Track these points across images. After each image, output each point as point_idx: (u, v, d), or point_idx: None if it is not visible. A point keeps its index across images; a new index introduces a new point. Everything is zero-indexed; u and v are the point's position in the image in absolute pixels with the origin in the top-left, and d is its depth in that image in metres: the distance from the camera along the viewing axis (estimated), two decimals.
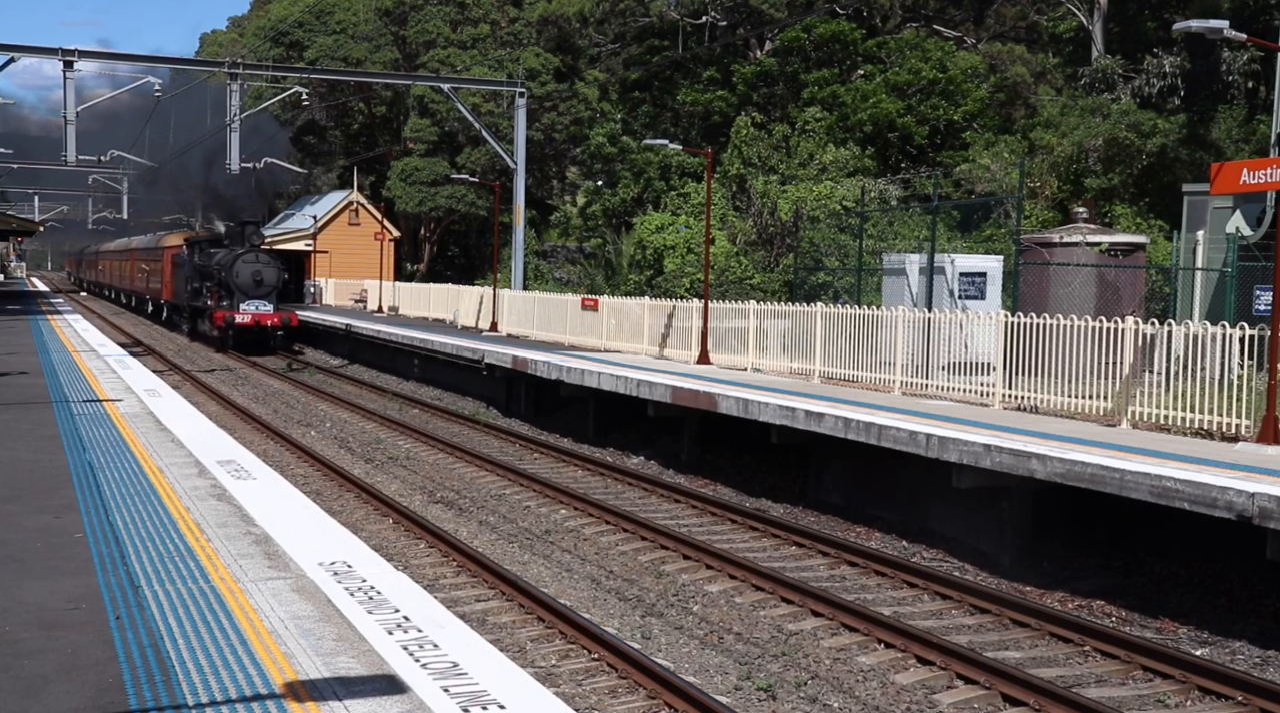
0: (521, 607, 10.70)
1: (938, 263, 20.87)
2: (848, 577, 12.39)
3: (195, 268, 41.76)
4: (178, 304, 46.40)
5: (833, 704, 8.73)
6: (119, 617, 6.59)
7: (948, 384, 17.73)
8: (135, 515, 9.11)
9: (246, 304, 37.84)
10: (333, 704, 5.38)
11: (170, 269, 47.08)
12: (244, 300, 37.86)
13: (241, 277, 38.14)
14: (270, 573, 7.56)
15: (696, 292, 30.03)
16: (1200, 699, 8.99)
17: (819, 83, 41.08)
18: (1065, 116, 35.28)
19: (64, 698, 5.39)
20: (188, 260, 42.71)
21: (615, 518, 14.47)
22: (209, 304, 39.77)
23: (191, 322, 43.97)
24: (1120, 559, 12.72)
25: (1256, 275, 20.50)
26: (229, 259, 38.63)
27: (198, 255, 41.69)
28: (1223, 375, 14.43)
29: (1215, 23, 14.39)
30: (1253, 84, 35.40)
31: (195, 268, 41.76)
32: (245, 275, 38.16)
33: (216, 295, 38.92)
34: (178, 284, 45.67)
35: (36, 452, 11.93)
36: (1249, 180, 13.94)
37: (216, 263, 39.47)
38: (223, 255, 39.56)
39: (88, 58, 33.56)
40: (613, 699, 8.57)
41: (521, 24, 54.08)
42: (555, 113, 51.32)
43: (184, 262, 43.35)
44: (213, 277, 39.69)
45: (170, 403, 16.65)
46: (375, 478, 17.37)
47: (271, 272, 38.93)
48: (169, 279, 47.68)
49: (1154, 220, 32.00)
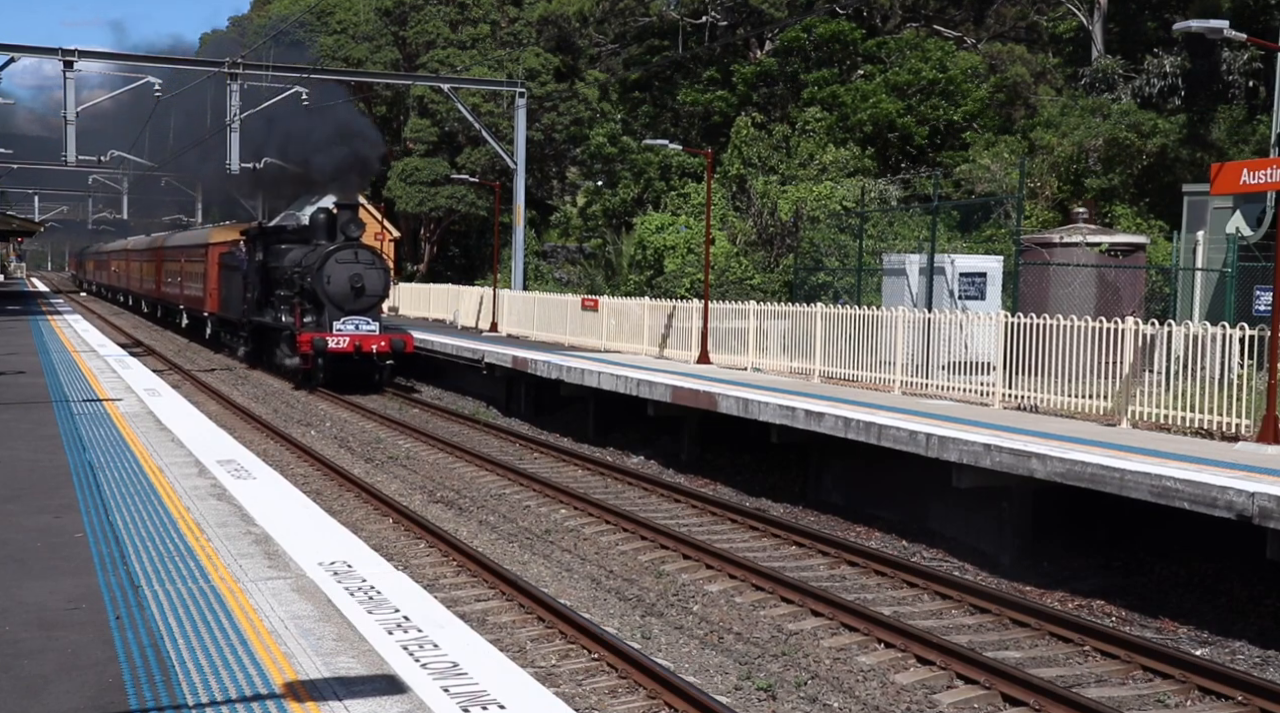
0: (521, 607, 10.70)
1: (938, 263, 20.87)
2: (848, 577, 12.39)
3: (260, 270, 31.16)
4: (229, 318, 35.67)
5: (833, 704, 8.73)
6: (119, 617, 6.59)
7: (948, 384, 17.73)
8: (135, 515, 9.11)
9: (343, 321, 27.11)
10: (333, 704, 5.38)
11: (218, 272, 36.75)
12: (338, 315, 27.18)
13: (336, 282, 27.38)
14: (270, 573, 7.56)
15: (696, 292, 30.03)
16: (1200, 699, 8.99)
17: (819, 83, 41.07)
18: (1065, 116, 35.28)
19: (64, 698, 5.39)
20: (245, 260, 32.52)
21: (615, 518, 14.47)
22: (283, 321, 29.04)
23: (253, 343, 33.09)
24: (1120, 559, 12.72)
25: (1256, 275, 20.50)
26: (317, 258, 27.83)
27: (263, 253, 31.31)
28: (1223, 375, 14.43)
29: (1215, 23, 14.39)
30: (1253, 84, 35.39)
31: (260, 270, 31.16)
32: (341, 280, 27.39)
33: (297, 309, 27.92)
34: (228, 292, 35.31)
35: (36, 452, 11.93)
36: (1249, 180, 13.94)
37: (297, 263, 28.68)
38: (303, 252, 28.98)
39: (88, 58, 33.54)
40: (613, 699, 8.57)
41: (521, 24, 54.09)
42: (555, 113, 51.32)
43: (240, 262, 33.07)
44: (289, 282, 28.99)
45: (170, 403, 16.65)
46: (375, 478, 17.36)
47: (376, 275, 28.01)
48: (215, 285, 37.22)
49: (1154, 220, 32.00)
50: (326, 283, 27.39)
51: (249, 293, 32.21)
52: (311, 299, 27.77)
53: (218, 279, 36.85)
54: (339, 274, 27.47)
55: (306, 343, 26.76)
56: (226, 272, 35.58)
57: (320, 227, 29.74)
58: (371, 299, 27.82)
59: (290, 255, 29.63)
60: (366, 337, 27.17)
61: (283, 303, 29.53)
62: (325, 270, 27.43)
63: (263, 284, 31.05)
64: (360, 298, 27.50)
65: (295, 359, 27.85)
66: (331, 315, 27.26)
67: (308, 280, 27.74)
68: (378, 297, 28.21)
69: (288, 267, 29.28)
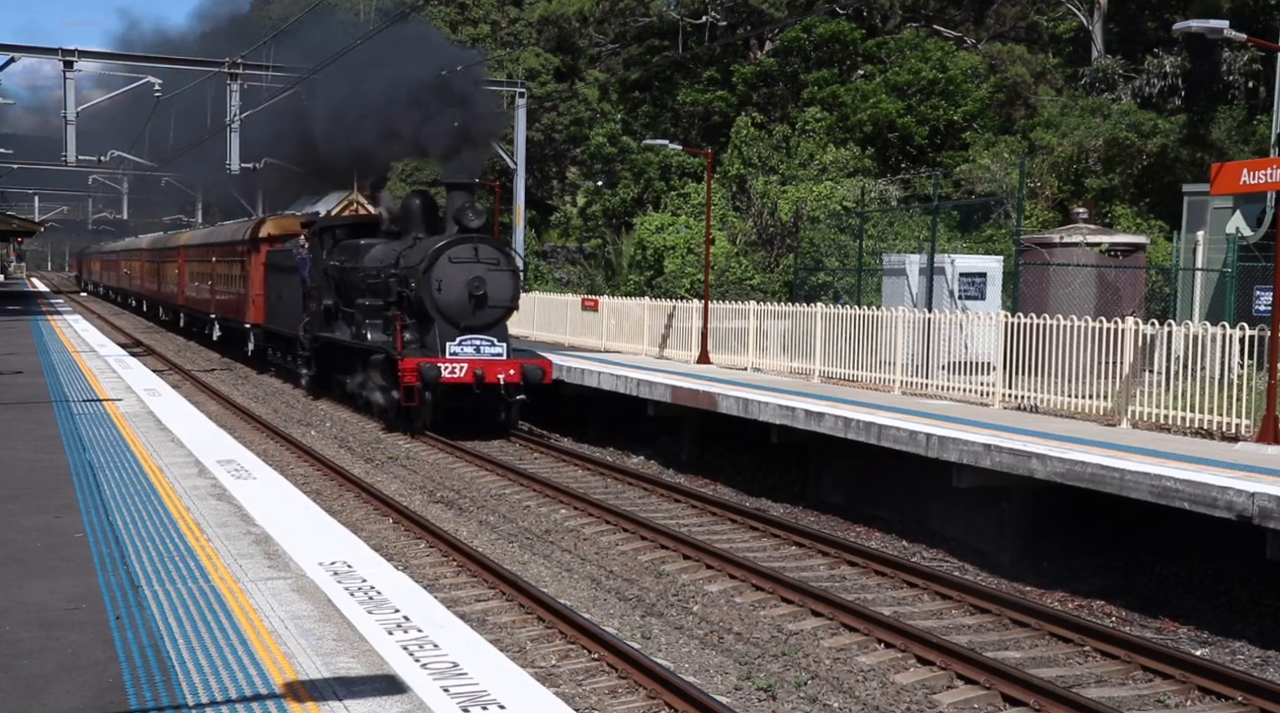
0: (521, 607, 10.70)
1: (938, 263, 20.88)
2: (848, 577, 12.39)
3: (331, 273, 24.77)
4: (280, 332, 29.03)
5: (833, 704, 8.73)
6: (119, 617, 6.59)
7: (948, 384, 17.73)
8: (135, 515, 9.11)
9: (459, 342, 20.66)
10: (333, 704, 5.38)
11: (263, 274, 30.59)
12: (452, 334, 20.71)
13: (449, 289, 20.71)
14: (270, 573, 7.56)
15: (696, 292, 30.03)
16: (1200, 699, 8.99)
17: (819, 83, 41.08)
18: (1065, 116, 35.29)
19: (64, 698, 5.39)
20: (307, 260, 26.07)
21: (615, 518, 14.47)
22: (370, 339, 22.46)
23: (318, 366, 25.95)
24: (1120, 559, 12.73)
25: (1256, 275, 20.51)
26: (421, 256, 21.09)
27: (334, 250, 25.12)
28: (1223, 375, 14.43)
29: (1215, 23, 14.40)
30: (1253, 84, 35.40)
31: (331, 273, 24.77)
32: (456, 286, 20.71)
33: (398, 325, 20.97)
34: (280, 299, 28.78)
35: (36, 452, 11.93)
36: (1249, 180, 13.94)
37: (391, 264, 22.00)
38: (396, 249, 22.46)
39: (88, 58, 33.54)
40: (613, 699, 8.57)
41: (521, 24, 54.10)
42: (555, 113, 51.31)
43: (299, 261, 26.55)
44: (375, 288, 22.54)
45: (170, 403, 16.65)
46: (375, 478, 17.36)
47: (504, 280, 21.26)
48: (260, 291, 30.86)
49: (1154, 220, 32.00)
50: (436, 290, 20.58)
51: (313, 302, 25.46)
52: (415, 312, 20.98)
53: (263, 283, 30.49)
54: (454, 278, 20.66)
55: (412, 372, 19.87)
56: (276, 274, 29.21)
57: (415, 215, 23.26)
58: (496, 311, 21.02)
59: (373, 253, 23.34)
60: (491, 363, 20.41)
61: (368, 316, 22.74)
62: (435, 273, 20.60)
63: (336, 291, 24.57)
64: (482, 310, 20.83)
65: (391, 393, 20.95)
66: (443, 334, 20.54)
67: (410, 286, 20.88)
68: (504, 307, 21.26)
69: (373, 268, 22.87)
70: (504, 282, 21.28)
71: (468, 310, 20.83)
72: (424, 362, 20.08)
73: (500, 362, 20.64)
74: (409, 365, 20.07)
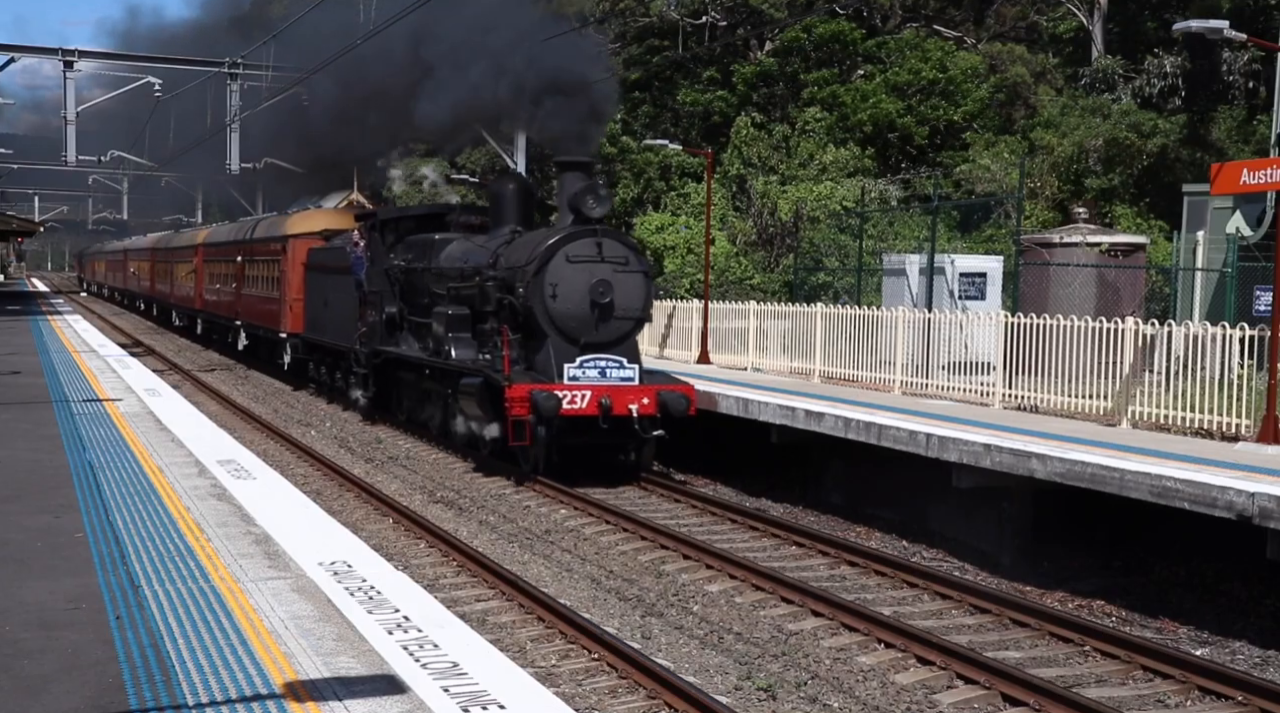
0: (521, 607, 10.70)
1: (938, 263, 20.88)
2: (848, 577, 12.39)
3: (395, 275, 21.18)
4: (326, 343, 24.87)
5: (833, 704, 8.73)
6: (119, 617, 6.59)
7: (948, 384, 17.73)
8: (135, 515, 9.11)
9: (579, 364, 16.67)
10: (333, 704, 5.38)
11: (302, 276, 26.78)
12: (570, 353, 16.75)
13: (567, 294, 16.85)
14: (270, 573, 7.56)
15: (697, 292, 30.03)
16: (1200, 699, 8.99)
17: (819, 83, 41.08)
18: (1065, 116, 35.29)
19: (64, 698, 5.39)
20: (362, 259, 22.03)
21: (615, 518, 14.47)
22: (456, 356, 18.25)
23: (378, 385, 22.07)
24: (1120, 559, 12.73)
25: (1256, 275, 20.51)
26: (529, 253, 17.17)
27: (397, 246, 21.65)
28: (1223, 375, 14.44)
29: (1215, 23, 14.41)
30: (1253, 84, 35.40)
31: (395, 275, 21.18)
32: (576, 291, 16.85)
33: (504, 339, 16.77)
34: (323, 305, 24.86)
35: (36, 452, 11.94)
36: (1249, 180, 13.95)
37: (489, 265, 17.99)
38: (492, 244, 18.50)
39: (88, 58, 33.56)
40: (613, 699, 8.57)
41: None
42: None
43: (355, 261, 22.24)
44: (467, 294, 18.51)
45: (170, 403, 16.66)
46: (375, 478, 17.36)
47: (634, 283, 17.22)
48: (298, 295, 26.85)
49: (1154, 220, 32.00)
50: (550, 296, 16.57)
51: (372, 310, 21.56)
52: (521, 324, 16.98)
53: (301, 287, 26.72)
54: (573, 282, 16.62)
55: (523, 402, 15.77)
56: (320, 276, 25.41)
57: (509, 202, 19.32)
58: (624, 324, 16.95)
59: (451, 251, 19.55)
60: (620, 389, 16.34)
61: (451, 328, 18.41)
62: (548, 276, 16.55)
63: (401, 296, 21.07)
64: (607, 322, 16.76)
65: (489, 426, 16.98)
66: (558, 353, 16.50)
67: (516, 292, 16.80)
68: (634, 319, 17.15)
69: (453, 269, 19.04)
70: (634, 286, 17.03)
71: (589, 323, 16.70)
72: (538, 389, 15.92)
73: (631, 388, 16.49)
74: (519, 394, 15.85)
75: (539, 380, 16.37)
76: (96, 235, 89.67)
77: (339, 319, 23.60)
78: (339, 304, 23.59)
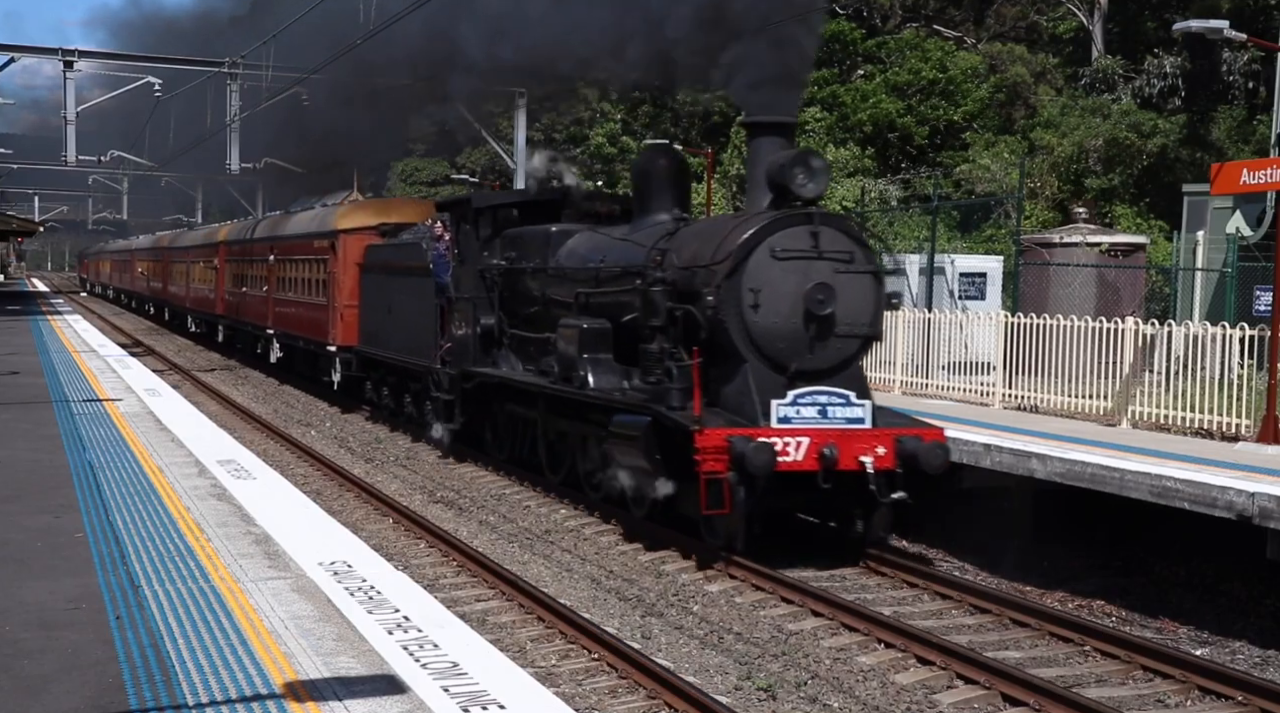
0: (521, 607, 10.70)
1: (938, 263, 20.89)
2: (848, 577, 12.37)
3: (493, 277, 17.18)
4: (389, 360, 21.00)
5: (833, 704, 8.73)
6: (119, 617, 6.59)
7: (948, 384, 17.74)
8: (135, 515, 9.12)
9: (792, 400, 11.89)
10: (333, 704, 5.39)
11: (356, 278, 23.03)
12: (777, 384, 11.98)
13: (775, 302, 12.15)
14: (270, 573, 7.57)
15: None
16: (1200, 699, 8.99)
17: (819, 83, 41.10)
18: (1065, 116, 35.31)
19: (64, 698, 5.39)
20: (443, 257, 18.27)
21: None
22: (595, 384, 13.79)
23: (467, 414, 17.82)
24: (1120, 559, 12.73)
25: (1256, 275, 20.52)
26: (712, 246, 12.59)
27: (494, 241, 17.37)
28: (1223, 375, 14.45)
29: (1215, 23, 14.44)
30: (1253, 84, 35.42)
31: (493, 277, 17.18)
32: (785, 298, 12.18)
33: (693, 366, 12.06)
34: (389, 313, 20.82)
35: (36, 451, 11.94)
36: (1249, 180, 13.97)
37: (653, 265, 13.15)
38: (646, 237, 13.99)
39: (88, 57, 33.55)
40: (613, 699, 8.57)
41: None
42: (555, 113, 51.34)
43: (436, 259, 18.43)
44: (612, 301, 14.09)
45: (170, 403, 16.67)
46: (375, 478, 17.37)
47: (861, 287, 12.56)
48: (349, 301, 23.03)
49: (1154, 220, 32.02)
50: (750, 306, 12.12)
51: (462, 322, 17.44)
52: (704, 343, 12.36)
53: (355, 291, 22.92)
54: (781, 286, 12.20)
55: (720, 453, 11.35)
56: (381, 278, 21.59)
57: (662, 181, 14.76)
58: (849, 344, 12.53)
59: (576, 246, 15.42)
60: (847, 434, 11.86)
61: (588, 347, 13.99)
62: (746, 278, 12.14)
63: (502, 304, 16.97)
64: (826, 342, 12.32)
65: (659, 483, 12.33)
66: (761, 384, 12.04)
67: (702, 299, 12.30)
68: (862, 336, 12.71)
69: (583, 269, 14.82)
70: (862, 292, 12.52)
71: (803, 343, 12.16)
72: (740, 435, 11.36)
73: (863, 433, 11.92)
74: (715, 442, 11.27)
75: (737, 423, 11.70)
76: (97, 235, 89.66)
77: (410, 331, 19.54)
78: (410, 312, 19.55)
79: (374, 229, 23.27)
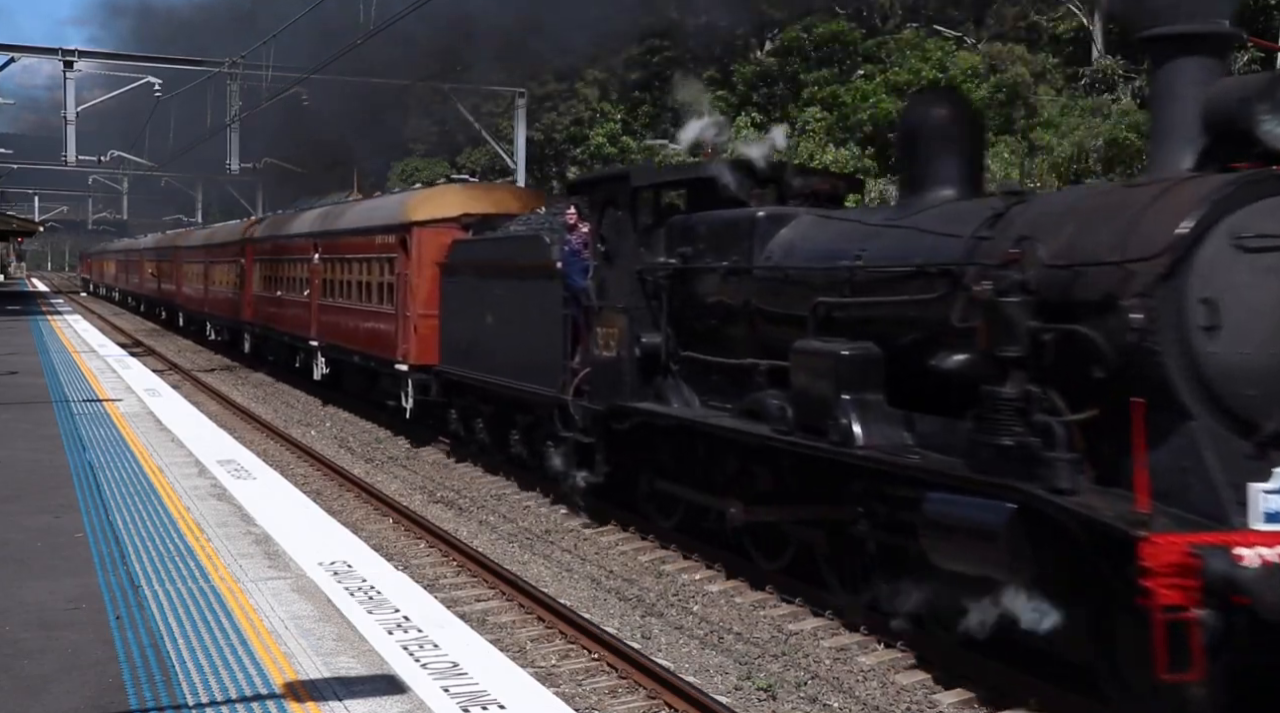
0: (521, 607, 10.71)
1: None
2: None
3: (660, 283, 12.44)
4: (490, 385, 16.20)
5: (833, 704, 8.73)
6: (119, 617, 6.59)
7: None
8: (135, 515, 9.12)
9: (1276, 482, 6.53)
10: (333, 704, 5.39)
11: (435, 283, 18.39)
12: (1242, 458, 6.85)
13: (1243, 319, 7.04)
14: (270, 573, 7.57)
15: None
16: None
17: (819, 83, 41.14)
18: (1065, 116, 35.34)
19: (64, 698, 5.39)
20: (585, 257, 13.75)
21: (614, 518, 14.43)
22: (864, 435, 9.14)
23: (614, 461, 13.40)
24: None
25: None
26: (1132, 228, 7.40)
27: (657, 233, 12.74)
28: None
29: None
30: None
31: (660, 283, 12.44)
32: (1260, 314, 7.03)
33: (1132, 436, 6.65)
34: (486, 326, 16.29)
35: (37, 452, 11.95)
36: None
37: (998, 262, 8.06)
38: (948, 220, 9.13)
39: (88, 57, 33.56)
40: (613, 699, 8.57)
41: None
42: (555, 113, 51.35)
43: (569, 257, 13.94)
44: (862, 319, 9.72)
45: (170, 403, 16.67)
46: (375, 478, 17.37)
47: None
48: (426, 310, 18.66)
49: None
50: (1202, 327, 7.16)
51: (608, 340, 13.11)
52: (1117, 386, 7.29)
53: (434, 297, 18.37)
54: (1252, 293, 7.18)
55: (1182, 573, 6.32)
56: (470, 282, 17.14)
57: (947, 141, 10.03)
58: None
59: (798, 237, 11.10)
60: None
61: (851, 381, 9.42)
62: (1194, 280, 7.21)
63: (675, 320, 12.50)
64: None
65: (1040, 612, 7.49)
66: (1224, 454, 7.03)
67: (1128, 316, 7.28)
68: None
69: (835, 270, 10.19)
70: None
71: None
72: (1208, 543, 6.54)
73: None
74: (1173, 556, 6.45)
75: (1194, 523, 6.94)
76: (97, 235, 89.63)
77: (522, 349, 15.15)
78: (522, 326, 15.27)
79: (455, 221, 18.77)
